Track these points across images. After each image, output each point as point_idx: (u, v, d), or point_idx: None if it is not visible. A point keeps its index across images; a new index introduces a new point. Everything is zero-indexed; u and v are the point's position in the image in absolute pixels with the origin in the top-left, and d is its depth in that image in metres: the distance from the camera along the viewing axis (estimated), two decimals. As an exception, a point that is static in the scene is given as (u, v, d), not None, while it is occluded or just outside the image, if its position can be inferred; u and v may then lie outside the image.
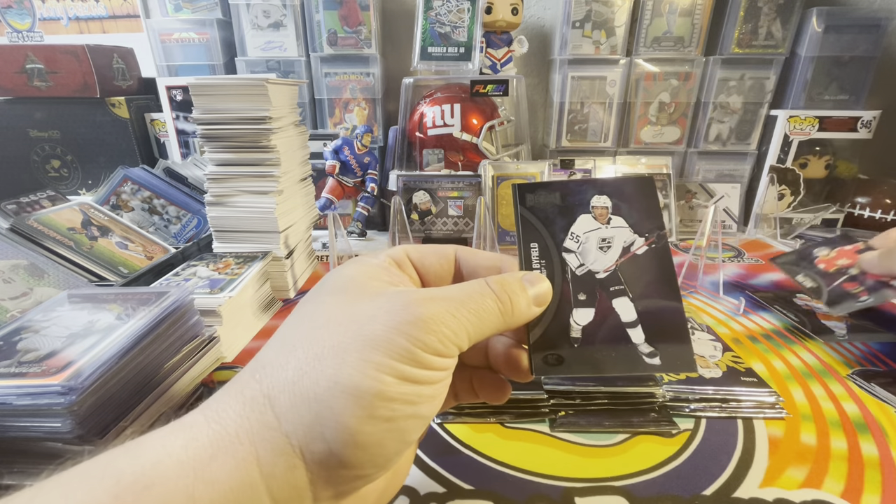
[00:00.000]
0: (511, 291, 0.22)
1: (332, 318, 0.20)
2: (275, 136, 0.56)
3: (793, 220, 0.89)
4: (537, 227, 0.26)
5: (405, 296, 0.20)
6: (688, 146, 0.93)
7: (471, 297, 0.21)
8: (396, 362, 0.18)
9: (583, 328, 0.24)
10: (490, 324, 0.21)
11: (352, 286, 0.21)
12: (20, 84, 0.84)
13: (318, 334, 0.19)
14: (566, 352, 0.23)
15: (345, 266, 0.23)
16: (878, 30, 0.82)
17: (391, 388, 0.18)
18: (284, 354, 0.19)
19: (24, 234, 0.52)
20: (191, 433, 0.17)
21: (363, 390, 0.17)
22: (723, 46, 0.86)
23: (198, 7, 0.90)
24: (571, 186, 0.27)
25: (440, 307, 0.20)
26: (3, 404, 0.28)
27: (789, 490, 0.31)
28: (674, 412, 0.38)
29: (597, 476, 0.33)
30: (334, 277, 0.22)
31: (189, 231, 0.75)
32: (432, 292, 0.21)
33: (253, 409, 0.17)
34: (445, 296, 0.21)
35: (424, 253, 0.25)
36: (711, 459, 0.34)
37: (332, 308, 0.20)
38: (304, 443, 0.17)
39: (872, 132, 0.85)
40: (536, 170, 0.79)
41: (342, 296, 0.21)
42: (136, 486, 0.15)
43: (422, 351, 0.19)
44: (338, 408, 0.17)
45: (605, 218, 0.26)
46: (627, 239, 0.26)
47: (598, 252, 0.26)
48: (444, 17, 0.82)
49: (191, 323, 0.40)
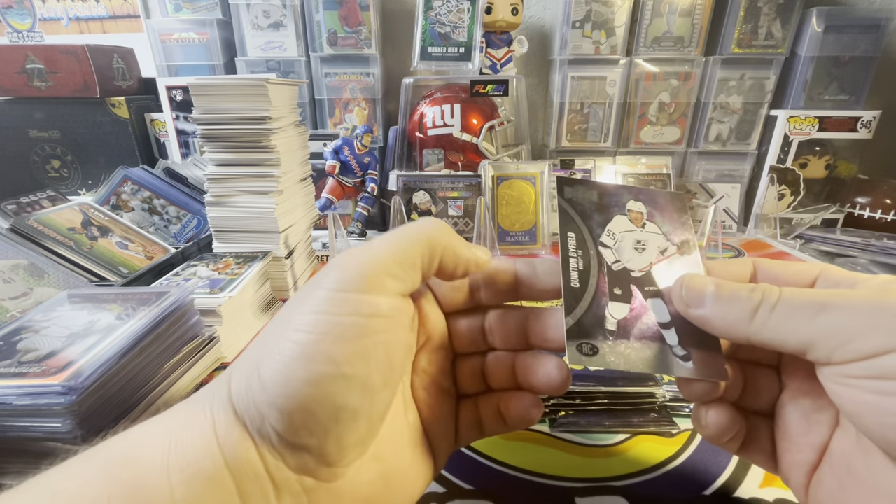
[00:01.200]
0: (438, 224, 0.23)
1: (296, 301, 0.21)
2: (275, 136, 0.56)
3: (793, 220, 0.89)
4: (574, 219, 0.27)
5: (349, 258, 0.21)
6: (688, 146, 0.93)
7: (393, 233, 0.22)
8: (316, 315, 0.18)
9: (618, 322, 0.24)
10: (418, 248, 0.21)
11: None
12: (20, 84, 0.84)
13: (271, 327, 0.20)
14: (601, 343, 0.23)
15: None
16: (878, 30, 0.82)
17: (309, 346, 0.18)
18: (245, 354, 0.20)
19: (24, 234, 0.53)
20: (173, 413, 0.19)
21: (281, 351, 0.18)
22: (723, 46, 0.86)
23: (198, 7, 0.90)
24: (609, 188, 0.28)
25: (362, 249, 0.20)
26: (3, 404, 0.28)
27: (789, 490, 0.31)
28: (674, 412, 0.38)
29: (597, 476, 0.32)
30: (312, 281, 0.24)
31: (189, 231, 0.75)
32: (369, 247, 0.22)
33: (218, 385, 0.19)
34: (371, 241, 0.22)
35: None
36: (711, 459, 0.34)
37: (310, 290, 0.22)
38: (244, 410, 0.18)
39: (872, 132, 0.85)
40: (536, 170, 0.79)
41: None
42: (122, 458, 0.17)
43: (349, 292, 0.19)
44: (263, 373, 0.18)
45: (641, 222, 0.27)
46: (661, 244, 0.27)
47: (633, 252, 0.26)
48: (444, 17, 0.82)
49: (191, 323, 0.40)
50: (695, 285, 0.22)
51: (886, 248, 0.71)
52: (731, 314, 0.20)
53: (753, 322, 0.20)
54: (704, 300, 0.22)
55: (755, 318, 0.20)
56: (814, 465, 0.22)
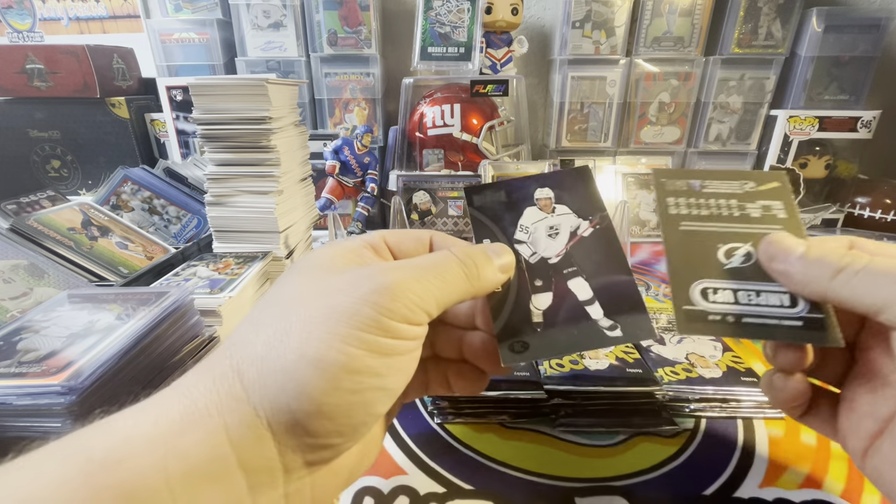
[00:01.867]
0: (475, 257, 0.23)
1: (300, 294, 0.20)
2: (275, 136, 0.56)
3: (793, 220, 0.88)
4: (487, 225, 0.27)
5: (370, 268, 0.21)
6: (688, 146, 0.93)
7: (436, 264, 0.21)
8: (363, 332, 0.18)
9: (543, 312, 0.25)
10: (457, 288, 0.21)
11: (321, 264, 0.22)
12: (20, 84, 0.84)
13: (286, 310, 0.19)
14: (530, 337, 0.24)
15: (318, 248, 0.24)
16: (878, 30, 0.82)
17: (357, 360, 0.18)
18: (254, 332, 0.19)
19: (24, 234, 0.52)
20: (161, 409, 0.17)
21: (328, 362, 0.17)
22: (723, 46, 0.86)
23: (198, 7, 0.90)
24: (514, 184, 0.29)
25: (405, 274, 0.20)
26: (3, 404, 0.28)
27: (789, 490, 0.31)
28: (674, 412, 0.38)
29: (597, 476, 0.33)
30: (306, 257, 0.23)
31: (189, 231, 0.75)
32: (398, 262, 0.21)
33: (222, 383, 0.18)
34: (410, 264, 0.21)
35: (401, 238, 0.25)
36: (711, 459, 0.34)
37: (301, 285, 0.21)
38: (271, 413, 0.17)
39: (872, 132, 0.85)
40: (536, 170, 0.79)
41: (311, 273, 0.21)
42: (107, 461, 0.15)
43: (389, 319, 0.19)
44: (303, 379, 0.17)
45: (550, 207, 0.28)
46: (573, 224, 0.27)
47: (547, 239, 0.27)
48: (444, 17, 0.82)
49: (191, 323, 0.39)
50: (784, 242, 0.23)
51: (886, 248, 0.71)
52: (813, 271, 0.22)
53: (835, 280, 0.21)
54: (790, 257, 0.23)
55: (837, 278, 0.21)
56: (875, 434, 0.22)
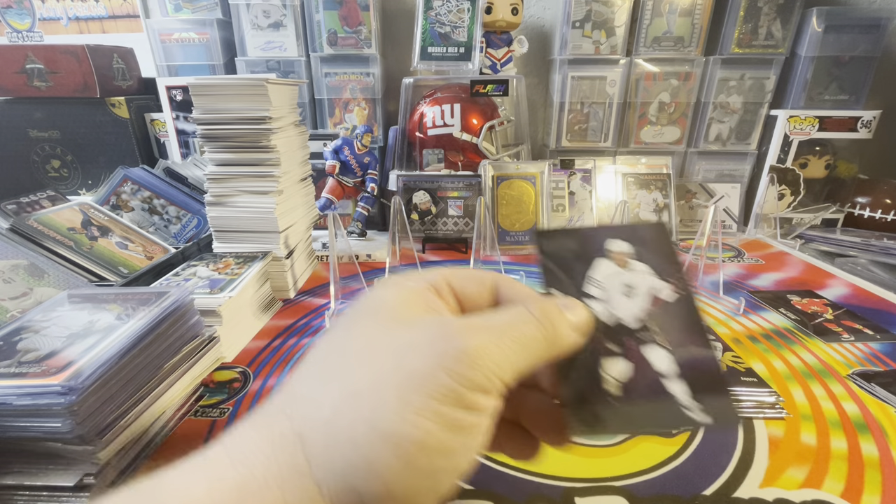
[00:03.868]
0: (553, 316, 0.20)
1: (367, 347, 0.18)
2: (275, 136, 0.56)
3: (793, 220, 0.89)
4: (556, 274, 0.25)
5: (445, 325, 0.18)
6: (688, 146, 0.93)
7: (513, 324, 0.19)
8: (439, 404, 0.16)
9: (623, 384, 0.22)
10: (535, 352, 0.19)
11: (387, 309, 0.20)
12: (20, 84, 0.84)
13: (353, 366, 0.18)
14: (603, 408, 0.21)
15: (380, 287, 0.22)
16: (878, 30, 0.82)
17: (432, 436, 0.16)
18: (318, 387, 0.18)
19: (24, 234, 0.52)
20: (215, 473, 0.16)
21: (402, 437, 0.16)
22: (723, 46, 0.86)
23: (198, 7, 0.90)
24: (586, 231, 0.26)
25: (484, 337, 0.18)
26: (3, 404, 0.28)
27: (789, 490, 0.31)
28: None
29: (597, 476, 0.33)
30: (368, 299, 0.21)
31: (189, 231, 0.75)
32: (473, 321, 0.19)
33: (283, 449, 0.16)
34: (487, 324, 0.19)
35: (465, 282, 0.23)
36: (711, 459, 0.34)
37: (367, 334, 0.19)
38: (335, 492, 0.16)
39: (872, 132, 0.85)
40: (536, 170, 0.79)
41: (377, 319, 0.19)
42: None
43: (466, 389, 0.17)
44: (373, 457, 0.16)
45: (624, 262, 0.25)
46: (653, 285, 0.24)
47: (622, 298, 0.24)
48: (444, 17, 0.82)
49: (191, 323, 0.40)
50: None
51: (886, 248, 0.71)
52: None
53: None
54: None
55: None
56: None
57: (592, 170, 0.87)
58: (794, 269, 0.70)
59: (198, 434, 0.37)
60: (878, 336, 0.50)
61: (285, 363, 0.46)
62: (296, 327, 0.53)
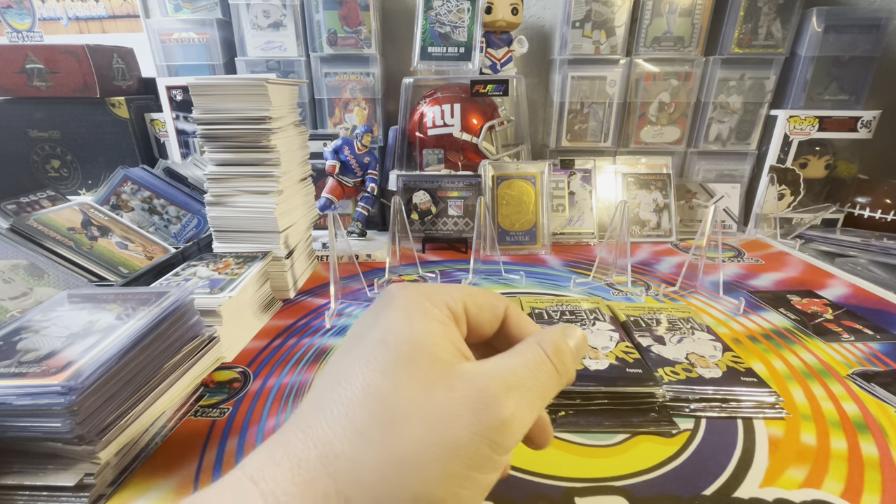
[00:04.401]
0: (564, 353, 0.22)
1: (410, 407, 0.18)
2: (275, 136, 0.56)
3: (793, 220, 0.89)
4: None
5: (486, 392, 0.19)
6: (688, 146, 0.93)
7: (536, 374, 0.21)
8: (477, 473, 0.18)
9: None
10: (549, 398, 0.21)
11: (423, 357, 0.20)
12: (20, 84, 0.84)
13: (397, 430, 0.18)
14: None
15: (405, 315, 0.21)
16: (878, 30, 0.82)
17: (465, 500, 0.18)
18: (362, 447, 0.18)
19: (24, 234, 0.52)
20: None
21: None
22: (723, 46, 0.86)
23: (198, 7, 0.90)
24: None
25: (517, 401, 0.19)
26: (3, 404, 0.28)
27: (789, 490, 0.31)
28: (674, 412, 0.38)
29: (597, 476, 0.32)
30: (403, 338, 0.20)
31: (189, 231, 0.75)
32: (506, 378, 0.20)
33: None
34: (518, 382, 0.20)
35: (480, 308, 0.24)
36: (711, 459, 0.34)
37: (409, 387, 0.19)
38: None
39: (872, 132, 0.85)
40: (536, 170, 0.79)
41: (416, 373, 0.19)
42: None
43: (499, 455, 0.18)
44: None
45: None
46: None
47: None
48: (444, 17, 0.82)
49: (191, 323, 0.39)
50: None
51: (886, 248, 0.71)
52: None
53: None
54: None
55: None
56: None
57: (592, 170, 0.87)
58: (794, 269, 0.70)
59: (198, 434, 0.37)
60: (878, 336, 0.50)
61: (285, 363, 0.46)
62: (296, 327, 0.53)
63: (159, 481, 0.32)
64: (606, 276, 0.67)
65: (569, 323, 0.24)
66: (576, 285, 0.64)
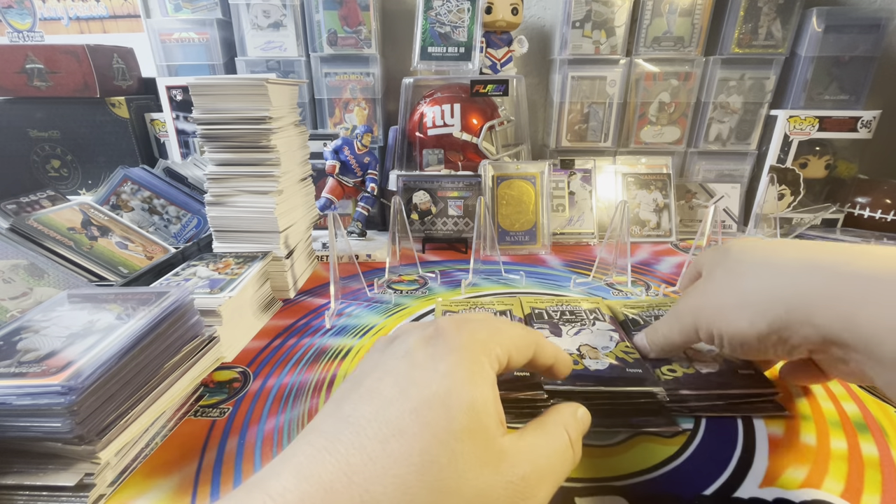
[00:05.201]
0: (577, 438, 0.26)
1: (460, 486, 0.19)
2: (275, 136, 0.56)
3: (793, 220, 0.89)
4: None
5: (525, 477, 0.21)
6: (688, 146, 0.93)
7: (562, 462, 0.24)
8: None
9: None
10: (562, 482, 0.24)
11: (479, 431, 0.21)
12: (20, 84, 0.84)
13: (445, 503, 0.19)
14: None
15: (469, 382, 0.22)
16: (878, 30, 0.82)
17: None
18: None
19: (24, 234, 0.53)
20: None
21: None
22: (723, 46, 0.86)
23: (198, 7, 0.90)
24: None
25: (548, 490, 0.22)
26: (2, 404, 0.28)
27: (789, 490, 0.31)
28: (674, 412, 0.38)
29: (597, 476, 0.32)
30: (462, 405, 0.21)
31: (189, 231, 0.75)
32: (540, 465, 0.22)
33: None
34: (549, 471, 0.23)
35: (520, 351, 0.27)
36: (711, 459, 0.34)
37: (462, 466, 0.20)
38: None
39: (872, 132, 0.85)
40: (536, 170, 0.79)
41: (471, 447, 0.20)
42: None
43: None
44: None
45: None
46: None
47: None
48: (444, 17, 0.82)
49: (191, 323, 0.39)
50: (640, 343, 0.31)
51: (886, 248, 0.71)
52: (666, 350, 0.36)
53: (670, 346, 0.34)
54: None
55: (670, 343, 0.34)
56: None
57: (592, 170, 0.87)
58: (794, 269, 0.70)
59: (198, 434, 0.37)
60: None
61: (285, 363, 0.46)
62: (296, 327, 0.53)
63: (159, 481, 0.32)
64: (606, 276, 0.67)
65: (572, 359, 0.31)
66: (576, 285, 0.64)
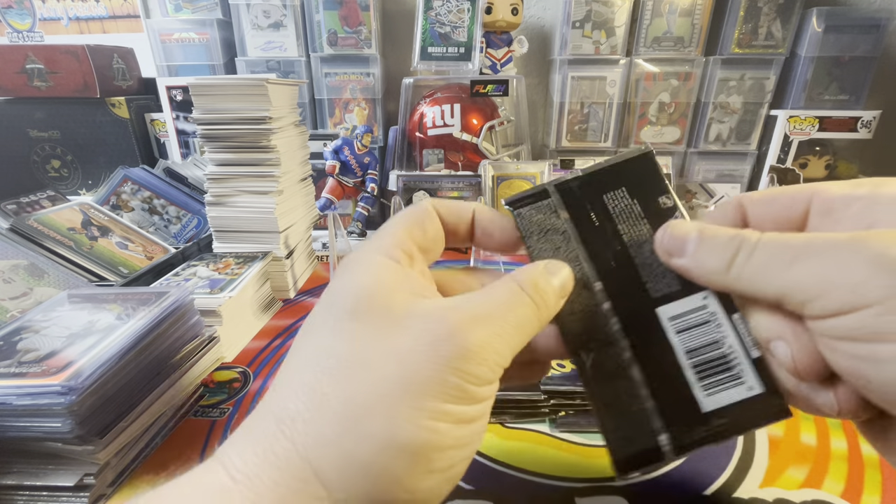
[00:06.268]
0: (543, 289, 0.20)
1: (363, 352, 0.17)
2: (275, 136, 0.56)
3: (793, 220, 0.88)
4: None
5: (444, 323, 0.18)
6: (688, 146, 0.93)
7: (511, 308, 0.19)
8: (450, 405, 0.17)
9: None
10: (530, 332, 0.20)
11: (375, 307, 0.18)
12: (20, 84, 0.84)
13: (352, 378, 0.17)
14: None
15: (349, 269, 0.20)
16: (878, 30, 0.82)
17: (447, 436, 0.17)
18: (315, 404, 0.16)
19: (24, 234, 0.52)
20: (220, 501, 0.15)
21: (420, 445, 0.16)
22: (723, 46, 0.86)
23: (198, 7, 0.90)
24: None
25: (485, 331, 0.18)
26: (3, 404, 0.28)
27: (789, 490, 0.31)
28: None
29: (597, 476, 0.32)
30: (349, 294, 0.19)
31: (189, 231, 0.75)
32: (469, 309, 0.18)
33: (293, 475, 0.15)
34: (485, 313, 0.18)
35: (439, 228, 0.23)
36: (711, 459, 0.34)
37: (357, 338, 0.18)
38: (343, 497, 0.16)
39: (872, 132, 0.84)
40: (536, 170, 0.79)
41: (367, 322, 0.18)
42: None
43: (474, 385, 0.17)
44: (396, 469, 0.16)
45: None
46: None
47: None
48: (444, 17, 0.82)
49: (191, 323, 0.40)
50: (678, 232, 0.21)
51: (886, 248, 0.71)
52: (709, 263, 0.19)
53: (731, 270, 0.19)
54: (686, 247, 0.20)
55: (733, 266, 0.19)
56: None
57: (592, 170, 0.87)
58: (794, 270, 0.70)
59: (198, 434, 0.37)
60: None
61: (285, 363, 0.46)
62: (296, 327, 0.53)
63: (159, 481, 0.32)
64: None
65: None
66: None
